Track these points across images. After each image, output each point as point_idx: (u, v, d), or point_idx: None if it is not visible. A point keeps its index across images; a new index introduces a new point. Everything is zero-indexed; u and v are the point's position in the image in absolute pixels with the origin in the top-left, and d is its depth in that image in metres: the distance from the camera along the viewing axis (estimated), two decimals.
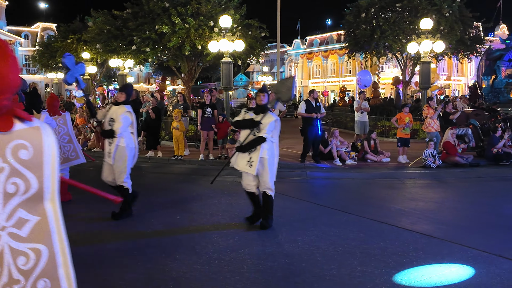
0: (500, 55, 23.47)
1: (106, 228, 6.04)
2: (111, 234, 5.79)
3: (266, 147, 5.95)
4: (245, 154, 5.95)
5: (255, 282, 4.25)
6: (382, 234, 5.72)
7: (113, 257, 4.94)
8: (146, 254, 5.00)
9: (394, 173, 10.43)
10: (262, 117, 5.88)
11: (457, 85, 52.27)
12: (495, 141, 11.44)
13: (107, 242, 5.43)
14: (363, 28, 19.23)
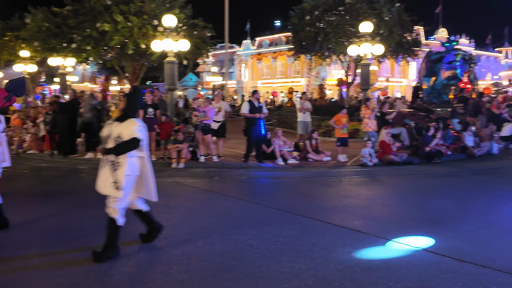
0: (440, 57, 24.70)
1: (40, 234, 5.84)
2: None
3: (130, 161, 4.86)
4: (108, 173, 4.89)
5: (182, 282, 4.26)
6: (314, 231, 5.90)
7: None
8: (74, 257, 4.89)
9: (333, 171, 10.76)
10: (124, 125, 4.85)
11: (399, 86, 54.43)
12: (428, 140, 12.07)
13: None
14: (308, 30, 19.67)
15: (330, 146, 13.42)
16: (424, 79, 24.83)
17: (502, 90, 43.45)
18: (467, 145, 12.99)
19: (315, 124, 18.81)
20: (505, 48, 65.99)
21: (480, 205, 7.34)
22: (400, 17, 19.42)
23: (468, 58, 24.29)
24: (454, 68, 23.48)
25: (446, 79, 23.52)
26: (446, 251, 5.02)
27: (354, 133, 16.95)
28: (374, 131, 12.32)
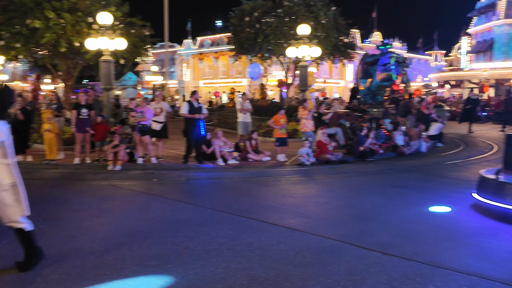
0: (375, 60, 25.81)
1: None
2: None
3: None
4: None
5: None
6: (251, 230, 5.97)
7: None
8: None
9: (272, 171, 10.94)
10: None
11: (337, 87, 56.23)
12: (361, 139, 12.59)
13: None
14: (247, 32, 19.84)
15: (270, 146, 13.64)
16: (360, 80, 25.81)
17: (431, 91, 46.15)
18: (397, 144, 13.69)
19: (255, 125, 19.00)
20: (434, 52, 70.14)
21: (407, 200, 7.76)
22: (336, 21, 20.08)
23: (402, 60, 25.58)
24: (389, 70, 24.63)
25: (381, 81, 24.65)
26: (374, 246, 5.27)
27: (293, 133, 17.30)
28: (312, 131, 12.68)
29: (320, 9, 19.04)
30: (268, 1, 20.74)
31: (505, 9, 39.31)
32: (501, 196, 6.59)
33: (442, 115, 27.13)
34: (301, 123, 12.69)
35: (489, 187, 6.94)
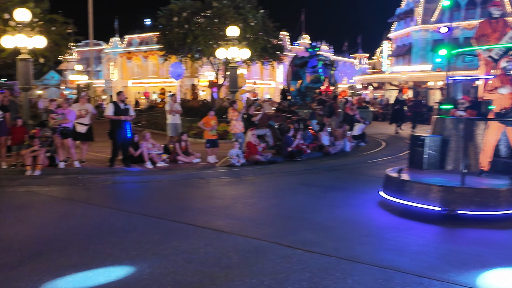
0: (305, 62, 26.57)
1: None
2: None
3: None
4: None
5: None
6: (178, 234, 5.93)
7: None
8: None
9: (202, 173, 10.90)
10: None
11: (268, 88, 57.13)
12: (288, 140, 12.91)
13: None
14: (176, 32, 19.60)
15: (201, 147, 13.57)
16: (291, 82, 26.52)
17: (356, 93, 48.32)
18: (323, 144, 14.20)
19: (186, 126, 18.81)
20: (359, 55, 73.48)
21: (330, 198, 8.09)
22: (264, 23, 20.40)
23: (329, 63, 26.61)
24: (317, 72, 25.52)
25: (310, 83, 25.46)
26: (298, 244, 5.45)
27: (224, 134, 17.35)
28: (242, 132, 12.80)
29: (248, 11, 19.23)
30: (197, 2, 20.62)
31: (422, 15, 42.10)
32: (403, 193, 7.00)
33: (367, 115, 28.64)
34: (231, 125, 12.76)
35: (393, 185, 7.31)
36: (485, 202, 6.37)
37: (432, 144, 8.21)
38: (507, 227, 6.23)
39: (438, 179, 7.10)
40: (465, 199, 6.41)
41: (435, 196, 6.56)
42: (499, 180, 7.06)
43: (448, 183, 6.74)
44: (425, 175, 7.52)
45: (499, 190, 6.52)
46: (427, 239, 5.80)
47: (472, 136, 8.20)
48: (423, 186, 6.78)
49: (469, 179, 6.87)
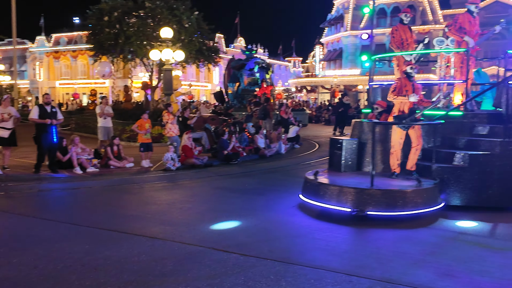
0: (242, 64, 26.71)
1: None
2: None
3: None
4: None
5: None
6: (110, 243, 5.73)
7: None
8: None
9: (135, 178, 10.63)
10: None
11: (204, 90, 56.85)
12: (224, 143, 12.93)
13: None
14: (107, 32, 18.96)
15: (135, 151, 13.24)
16: (229, 84, 26.59)
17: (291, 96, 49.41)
18: (259, 147, 14.37)
19: (119, 129, 18.26)
20: (293, 58, 75.21)
21: (265, 201, 8.19)
22: (199, 25, 20.28)
23: (266, 66, 26.99)
24: (254, 75, 25.79)
25: (248, 85, 25.66)
26: (233, 248, 5.47)
27: (159, 137, 17.04)
28: (177, 135, 12.63)
29: (183, 12, 19.01)
30: (129, 1, 20.06)
31: (351, 21, 43.94)
32: (318, 196, 7.14)
33: (304, 118, 29.39)
34: (166, 128, 12.56)
35: (310, 188, 7.46)
36: (393, 203, 6.61)
37: (349, 147, 8.44)
38: (420, 226, 6.53)
39: (351, 181, 7.30)
40: (374, 200, 6.63)
41: (346, 198, 6.76)
42: (407, 181, 7.31)
43: (358, 185, 6.93)
44: (341, 177, 7.74)
45: (405, 191, 6.74)
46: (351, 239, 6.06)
47: (382, 139, 8.46)
48: (336, 188, 6.97)
49: (379, 181, 7.13)
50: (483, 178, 7.24)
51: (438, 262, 5.07)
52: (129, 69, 29.58)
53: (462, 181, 7.30)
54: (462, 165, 7.39)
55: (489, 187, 7.24)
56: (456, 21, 8.65)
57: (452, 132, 8.17)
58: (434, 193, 7.05)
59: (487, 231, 6.41)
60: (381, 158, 8.48)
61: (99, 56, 21.27)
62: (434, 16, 40.47)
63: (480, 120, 8.27)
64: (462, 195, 7.31)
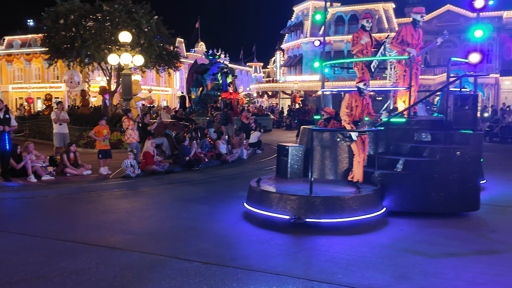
0: (205, 69, 26.54)
1: None
2: None
3: None
4: None
5: None
6: (66, 254, 5.55)
7: None
8: None
9: (93, 186, 10.34)
10: None
11: (164, 95, 56.16)
12: (186, 149, 12.81)
13: None
14: (63, 35, 18.42)
15: (93, 158, 12.90)
16: (192, 89, 26.38)
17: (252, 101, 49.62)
18: (221, 152, 14.34)
19: (76, 135, 17.76)
20: (254, 63, 75.52)
21: (227, 207, 8.14)
22: (159, 30, 20.03)
23: (229, 71, 26.98)
24: (218, 80, 25.72)
25: (211, 90, 25.54)
26: (195, 256, 5.42)
27: (118, 143, 16.70)
28: (137, 142, 12.40)
29: (142, 16, 18.71)
30: (86, 4, 19.57)
31: (310, 28, 44.68)
32: (261, 203, 7.07)
33: (269, 123, 29.56)
34: (126, 134, 12.29)
35: (253, 195, 7.38)
36: (331, 209, 6.59)
37: (295, 154, 8.34)
38: (368, 231, 6.53)
39: (293, 188, 7.23)
40: (313, 207, 6.60)
41: (285, 205, 6.73)
42: (347, 188, 7.30)
43: (297, 192, 6.89)
44: (284, 184, 7.67)
45: (343, 198, 6.73)
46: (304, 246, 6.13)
47: (330, 146, 8.46)
48: (276, 196, 6.92)
49: (320, 188, 7.14)
50: (424, 184, 7.31)
51: (394, 265, 5.22)
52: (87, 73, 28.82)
53: (404, 187, 7.35)
54: (403, 172, 7.45)
55: (430, 193, 7.31)
56: (399, 33, 8.77)
57: (397, 138, 8.23)
58: (374, 199, 7.05)
59: (431, 236, 6.45)
60: (331, 165, 8.47)
61: (55, 59, 20.59)
62: (390, 24, 41.79)
63: (423, 127, 8.33)
64: (404, 201, 7.35)
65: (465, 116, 7.70)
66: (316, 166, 8.51)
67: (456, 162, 7.34)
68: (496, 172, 11.69)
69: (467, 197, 7.39)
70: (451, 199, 7.32)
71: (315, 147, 8.44)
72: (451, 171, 7.32)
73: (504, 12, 37.24)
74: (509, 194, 9.41)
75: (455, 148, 7.41)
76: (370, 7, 40.69)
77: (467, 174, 7.37)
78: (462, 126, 7.71)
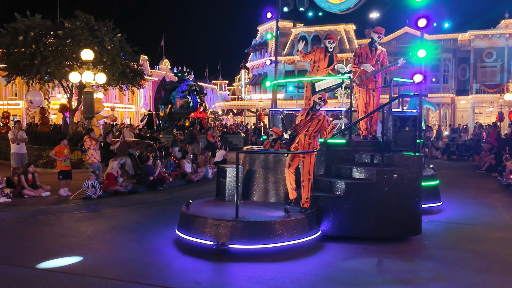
0: (175, 86, 26.29)
1: None
2: None
3: None
4: None
5: None
6: (22, 281, 5.32)
7: None
8: None
9: (53, 208, 9.99)
10: None
11: (127, 112, 55.31)
12: (150, 169, 12.61)
13: None
14: (22, 52, 17.92)
15: (53, 178, 12.48)
16: (160, 106, 26.06)
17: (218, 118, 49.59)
18: (186, 172, 14.19)
19: (34, 154, 17.15)
20: (219, 81, 75.72)
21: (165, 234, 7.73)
22: (122, 47, 19.80)
23: (199, 88, 26.87)
24: (187, 97, 25.53)
25: (181, 107, 25.32)
26: (158, 281, 5.30)
27: (79, 163, 16.25)
28: (99, 162, 12.10)
29: (105, 34, 18.46)
30: (47, 21, 19.13)
31: (274, 47, 45.40)
32: (188, 229, 6.69)
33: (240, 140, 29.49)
34: (88, 154, 11.97)
35: (183, 220, 7.02)
36: (257, 235, 6.25)
37: (233, 175, 7.81)
38: (296, 258, 6.25)
39: (223, 211, 6.82)
40: (237, 233, 6.26)
41: (210, 231, 6.40)
42: (277, 212, 6.88)
43: (223, 217, 6.53)
44: (217, 208, 7.29)
45: (270, 223, 6.40)
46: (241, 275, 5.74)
47: (271, 168, 8.15)
48: (202, 220, 6.58)
49: (249, 212, 6.83)
50: (361, 208, 7.04)
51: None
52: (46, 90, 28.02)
53: (340, 211, 7.06)
54: (340, 195, 7.14)
55: (367, 218, 7.04)
56: (355, 54, 8.77)
57: (338, 160, 7.99)
58: (305, 224, 6.68)
59: (360, 263, 6.19)
60: (273, 187, 8.09)
61: (13, 76, 19.93)
62: (351, 45, 43.00)
63: (363, 148, 8.12)
64: (341, 225, 7.06)
65: (405, 137, 7.49)
66: (258, 188, 8.18)
67: (394, 185, 7.09)
68: (455, 190, 12.09)
69: (406, 221, 7.17)
70: (390, 224, 7.07)
71: (256, 169, 8.19)
72: (388, 194, 7.06)
73: (459, 34, 39.08)
74: (463, 217, 9.17)
75: (392, 170, 7.17)
76: (332, 28, 41.78)
77: (406, 197, 7.15)
78: (402, 148, 7.50)
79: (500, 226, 8.45)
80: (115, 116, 39.46)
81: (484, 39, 38.34)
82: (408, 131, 7.49)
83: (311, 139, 7.09)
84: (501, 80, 37.74)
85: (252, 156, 8.46)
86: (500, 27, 37.93)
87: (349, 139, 8.44)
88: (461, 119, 38.33)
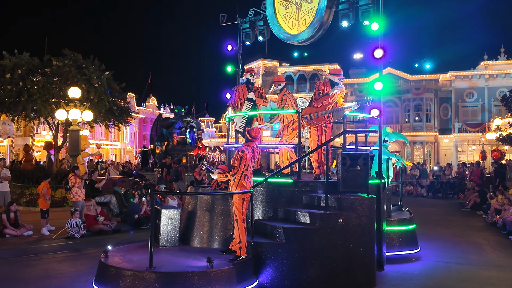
0: (171, 123, 26.32)
1: None
2: None
3: None
4: None
5: None
6: None
7: None
8: None
9: (34, 247, 9.73)
10: None
11: (113, 149, 54.97)
12: (135, 207, 12.45)
13: None
14: (9, 89, 17.93)
15: (35, 217, 12.22)
16: (157, 143, 25.97)
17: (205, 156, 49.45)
18: None
19: (17, 192, 16.82)
20: (206, 118, 76.15)
21: None
22: (109, 85, 19.95)
23: (195, 125, 26.95)
24: (184, 134, 25.54)
25: (177, 144, 25.27)
26: None
27: (62, 201, 15.98)
28: (83, 200, 11.91)
29: (92, 72, 18.63)
30: (35, 59, 19.27)
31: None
32: (102, 280, 5.98)
33: None
34: (72, 192, 11.79)
35: (99, 270, 6.28)
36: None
37: (169, 217, 7.39)
38: None
39: (144, 259, 6.01)
40: (149, 286, 5.49)
41: (121, 283, 5.66)
42: (201, 262, 6.11)
43: (137, 267, 5.81)
44: (143, 255, 6.36)
45: (186, 274, 5.62)
46: None
47: (211, 209, 7.66)
48: (112, 271, 5.86)
49: (174, 259, 6.29)
50: (302, 256, 6.30)
51: None
52: (31, 127, 27.84)
53: (280, 260, 6.32)
54: (280, 241, 6.42)
55: (308, 268, 6.28)
56: (317, 88, 8.33)
57: (285, 202, 7.30)
58: (232, 275, 5.86)
59: None
60: (214, 231, 7.52)
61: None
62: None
63: (312, 189, 7.36)
64: (281, 276, 6.30)
65: (356, 176, 6.83)
66: (199, 232, 7.64)
67: (339, 232, 6.39)
68: (440, 228, 12.12)
69: (355, 273, 6.44)
70: (336, 275, 6.33)
71: (198, 211, 7.69)
72: (333, 242, 6.37)
73: (440, 75, 40.28)
74: (445, 266, 8.25)
75: (337, 214, 6.51)
76: (317, 68, 42.78)
77: (355, 245, 6.44)
78: (352, 189, 6.89)
79: (488, 265, 8.44)
80: (101, 154, 39.16)
81: (465, 79, 39.52)
82: (359, 170, 6.84)
83: (236, 175, 6.41)
84: (483, 119, 38.68)
85: (194, 197, 7.85)
86: (479, 68, 39.22)
87: (298, 178, 7.72)
88: (445, 157, 38.91)
